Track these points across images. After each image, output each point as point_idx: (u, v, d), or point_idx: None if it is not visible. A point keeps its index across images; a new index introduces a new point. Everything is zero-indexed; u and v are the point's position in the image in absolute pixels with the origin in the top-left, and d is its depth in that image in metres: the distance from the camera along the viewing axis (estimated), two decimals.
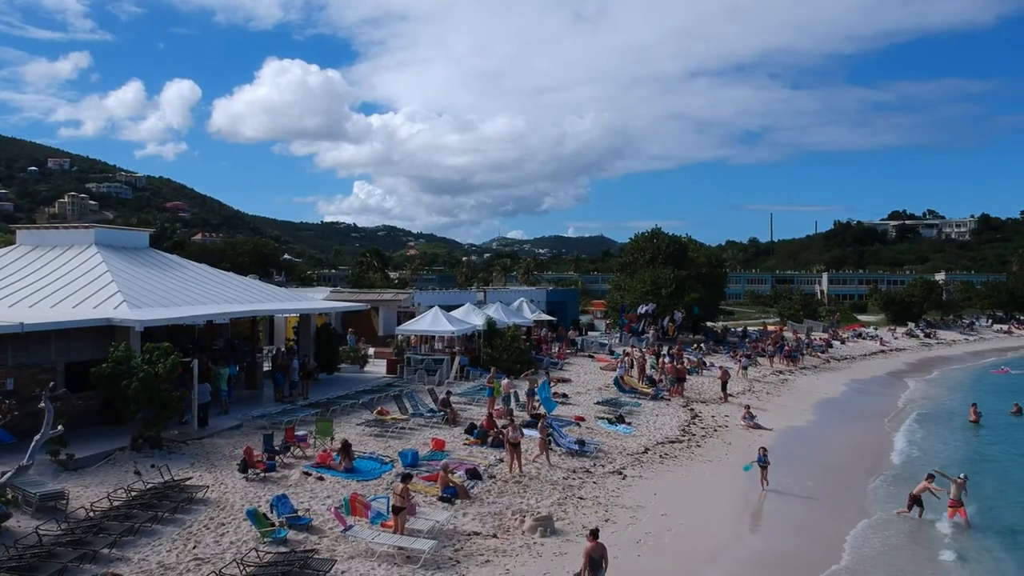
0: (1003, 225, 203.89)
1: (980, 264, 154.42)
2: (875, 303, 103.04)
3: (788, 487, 24.54)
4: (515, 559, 16.56)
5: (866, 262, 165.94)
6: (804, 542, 19.99)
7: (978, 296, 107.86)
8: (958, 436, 35.14)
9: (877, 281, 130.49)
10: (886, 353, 68.55)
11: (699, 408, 35.75)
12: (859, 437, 33.96)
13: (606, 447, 26.67)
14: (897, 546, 19.98)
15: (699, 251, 72.29)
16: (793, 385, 46.41)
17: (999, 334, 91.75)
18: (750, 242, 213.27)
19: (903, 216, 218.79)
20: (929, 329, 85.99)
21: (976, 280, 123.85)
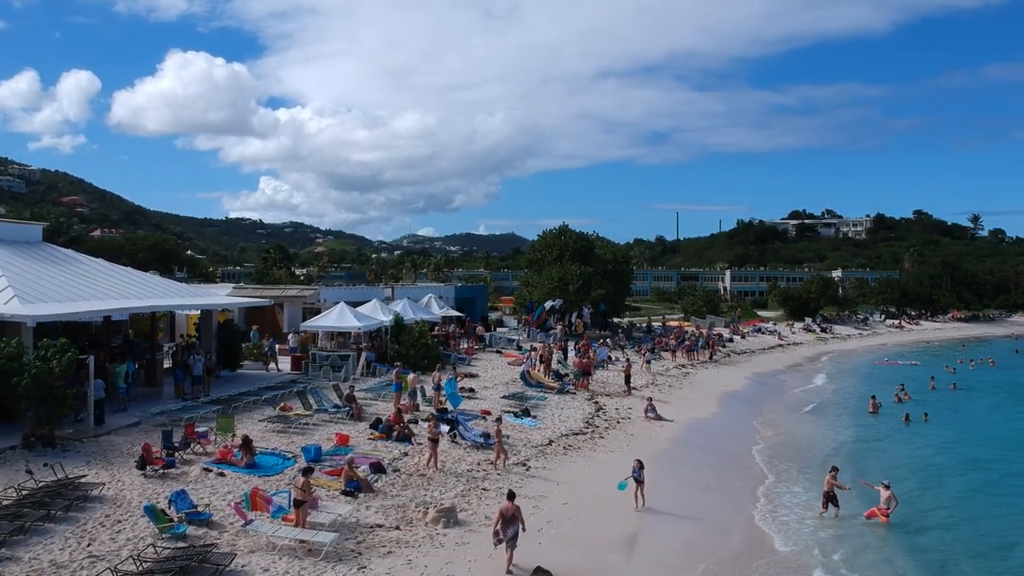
0: (897, 224, 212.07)
1: (875, 262, 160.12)
2: (775, 299, 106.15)
3: (688, 477, 25.31)
4: (417, 550, 16.69)
5: (767, 260, 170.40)
6: (703, 530, 20.57)
7: (872, 292, 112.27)
8: (855, 427, 36.59)
9: (777, 278, 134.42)
10: (784, 347, 70.91)
11: (604, 401, 36.39)
12: (758, 428, 35.09)
13: (512, 440, 26.89)
14: (786, 538, 20.77)
15: (606, 248, 73.32)
16: (695, 379, 47.59)
17: (891, 329, 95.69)
18: (657, 240, 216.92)
19: (803, 215, 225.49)
20: (825, 324, 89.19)
21: (870, 277, 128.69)
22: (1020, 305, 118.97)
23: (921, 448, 32.39)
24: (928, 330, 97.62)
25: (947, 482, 27.02)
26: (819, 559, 18.76)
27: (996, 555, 19.76)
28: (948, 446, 32.82)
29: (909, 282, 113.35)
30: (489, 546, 16.90)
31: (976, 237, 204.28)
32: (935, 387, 47.91)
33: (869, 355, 70.10)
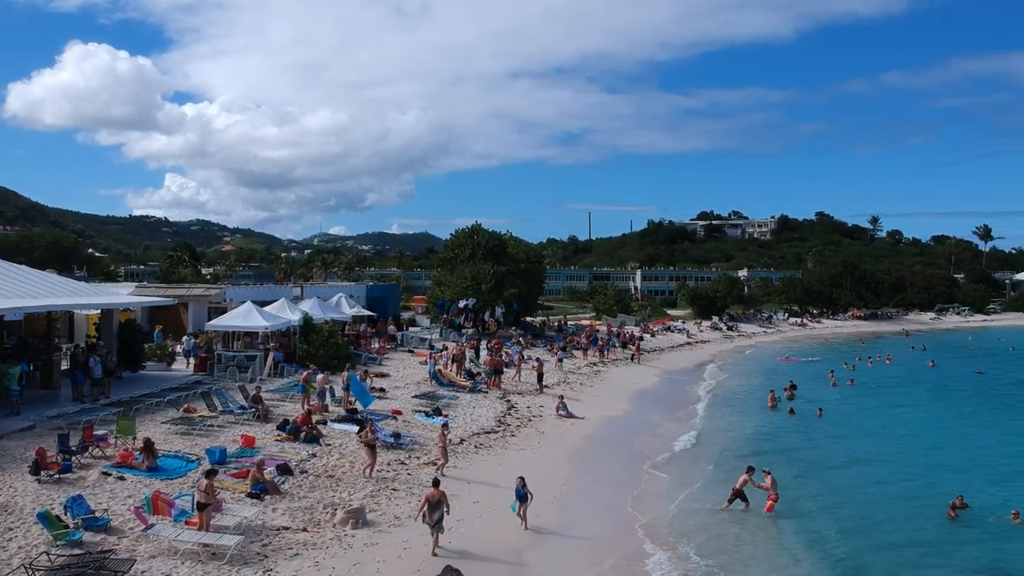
0: (800, 226, 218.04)
1: (779, 262, 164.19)
2: (684, 298, 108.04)
3: (599, 474, 25.63)
4: (325, 551, 16.45)
5: (677, 259, 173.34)
6: (613, 526, 20.84)
7: (776, 291, 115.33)
8: (757, 421, 37.51)
9: (686, 278, 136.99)
10: (692, 345, 72.30)
11: (515, 400, 36.49)
12: (667, 425, 35.65)
13: (422, 439, 26.81)
14: (687, 531, 21.18)
15: (519, 248, 73.55)
16: (606, 377, 48.13)
17: (794, 327, 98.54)
18: (569, 240, 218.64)
19: (711, 216, 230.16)
20: (732, 323, 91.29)
21: (775, 277, 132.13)
22: (916, 304, 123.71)
23: (810, 441, 33.40)
24: (829, 328, 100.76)
25: (826, 473, 27.84)
26: (674, 548, 19.24)
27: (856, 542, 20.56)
28: (836, 439, 33.88)
29: (811, 281, 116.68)
30: (399, 546, 16.84)
31: (875, 238, 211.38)
32: (835, 383, 49.42)
33: (773, 352, 71.95)
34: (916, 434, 35.62)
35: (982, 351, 77.62)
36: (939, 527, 21.75)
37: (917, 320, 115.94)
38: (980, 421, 39.12)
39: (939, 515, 22.33)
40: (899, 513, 23.02)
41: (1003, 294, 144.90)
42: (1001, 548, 20.22)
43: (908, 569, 18.70)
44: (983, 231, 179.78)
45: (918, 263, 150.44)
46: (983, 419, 39.67)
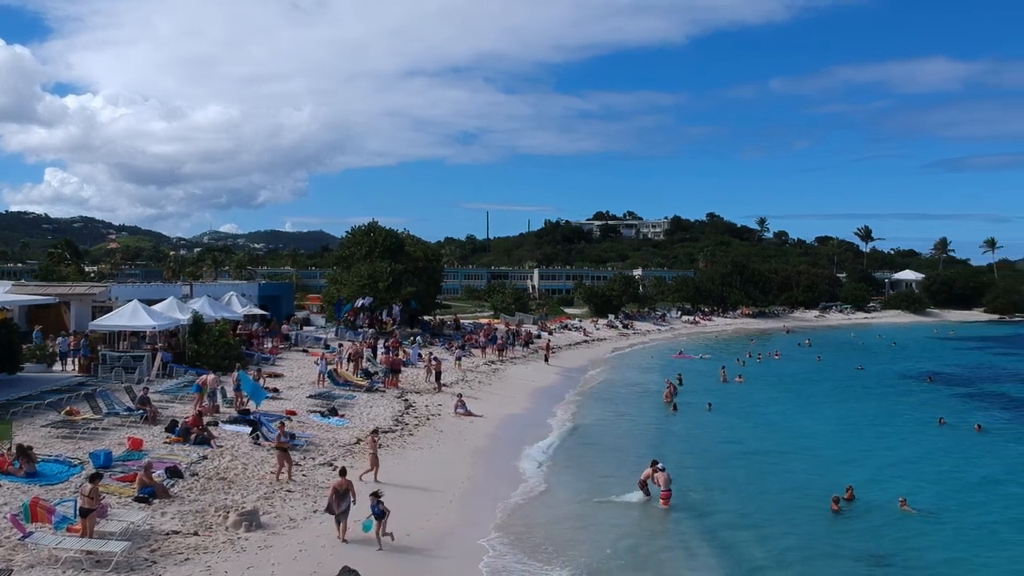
0: (691, 226, 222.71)
1: (672, 261, 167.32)
2: (580, 297, 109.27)
3: (495, 471, 25.66)
4: (217, 555, 15.94)
5: (573, 259, 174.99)
6: (515, 520, 20.88)
7: (670, 290, 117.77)
8: (650, 416, 38.17)
9: (583, 277, 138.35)
10: (589, 343, 73.23)
11: (413, 398, 36.23)
12: (564, 421, 35.93)
13: (318, 439, 26.35)
14: (588, 528, 21.36)
15: (416, 246, 73.09)
16: (504, 375, 48.31)
17: (687, 324, 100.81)
18: (467, 239, 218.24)
19: (606, 217, 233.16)
20: (627, 320, 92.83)
21: (668, 276, 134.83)
22: (801, 302, 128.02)
23: (699, 435, 34.09)
24: (720, 325, 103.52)
25: (716, 467, 28.45)
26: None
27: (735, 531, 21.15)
28: (724, 433, 34.64)
29: (703, 280, 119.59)
30: (294, 548, 16.50)
31: (762, 239, 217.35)
32: (726, 379, 50.68)
33: (668, 349, 73.40)
34: (803, 427, 36.78)
35: (864, 347, 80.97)
36: (827, 517, 22.44)
37: (802, 318, 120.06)
38: (864, 414, 40.61)
39: (826, 504, 23.05)
40: (789, 504, 23.68)
41: (882, 293, 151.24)
42: (888, 535, 20.99)
43: (798, 559, 19.23)
44: (864, 232, 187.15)
45: (803, 263, 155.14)
46: (867, 412, 41.22)
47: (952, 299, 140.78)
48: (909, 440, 33.92)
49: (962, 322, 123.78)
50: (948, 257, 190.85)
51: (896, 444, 33.07)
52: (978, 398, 46.28)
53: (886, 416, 40.03)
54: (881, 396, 47.17)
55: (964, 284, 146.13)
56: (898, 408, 42.51)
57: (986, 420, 37.40)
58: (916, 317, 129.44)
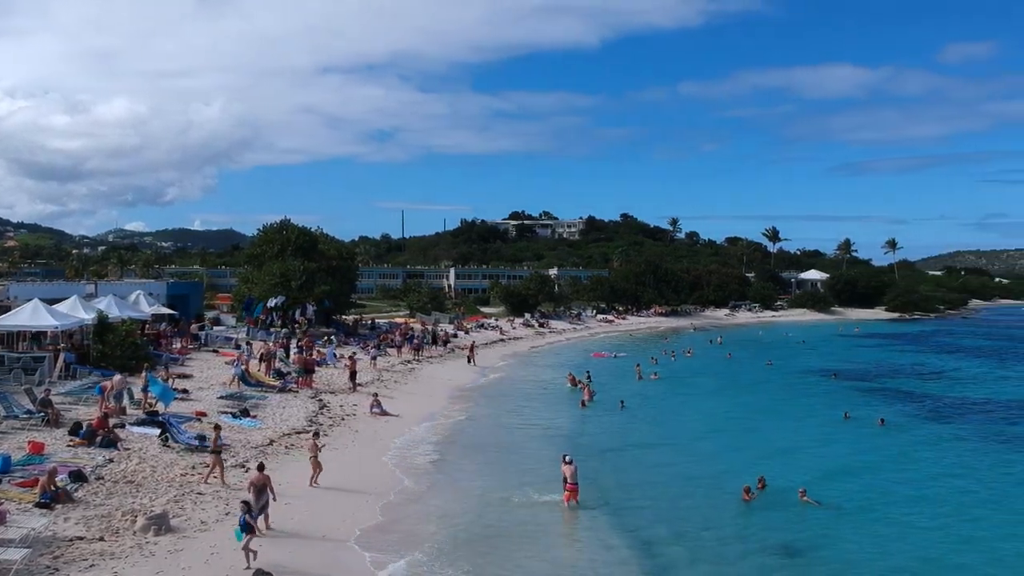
0: (606, 226, 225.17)
1: (587, 261, 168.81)
2: (496, 296, 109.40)
3: (412, 469, 25.53)
4: (124, 561, 15.45)
5: (489, 258, 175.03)
6: (426, 519, 20.76)
7: (585, 289, 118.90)
8: (566, 414, 38.41)
9: (499, 276, 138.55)
10: (506, 342, 73.38)
11: (328, 399, 35.79)
12: (480, 419, 35.93)
13: (230, 441, 25.70)
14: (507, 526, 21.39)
15: (330, 245, 72.14)
16: (420, 374, 48.13)
17: (601, 323, 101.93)
18: (382, 238, 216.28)
19: (522, 216, 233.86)
20: (543, 320, 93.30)
21: (583, 275, 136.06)
22: (712, 300, 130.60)
23: (613, 432, 34.42)
24: (634, 324, 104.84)
25: (628, 463, 28.87)
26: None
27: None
28: (638, 430, 35.11)
29: (617, 280, 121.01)
30: (206, 552, 16.13)
31: (675, 239, 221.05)
32: (641, 377, 51.34)
33: (583, 347, 74.10)
34: (715, 423, 37.48)
35: (772, 344, 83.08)
36: (736, 509, 22.94)
37: (713, 316, 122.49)
38: (772, 409, 41.70)
39: (736, 498, 23.55)
40: (700, 498, 24.12)
41: (789, 292, 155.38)
42: (791, 525, 21.56)
43: (708, 551, 19.58)
44: (771, 233, 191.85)
45: (713, 263, 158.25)
46: (775, 407, 42.33)
47: (855, 298, 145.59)
48: (816, 434, 34.87)
49: (865, 320, 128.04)
50: (851, 257, 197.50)
51: (804, 438, 33.94)
52: (880, 393, 47.86)
53: (794, 411, 41.12)
54: (789, 391, 48.48)
55: (866, 284, 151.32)
56: (805, 403, 43.72)
57: (888, 414, 38.68)
58: (821, 315, 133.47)
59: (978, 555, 19.67)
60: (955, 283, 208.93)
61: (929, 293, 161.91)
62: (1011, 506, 24.05)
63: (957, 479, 27.31)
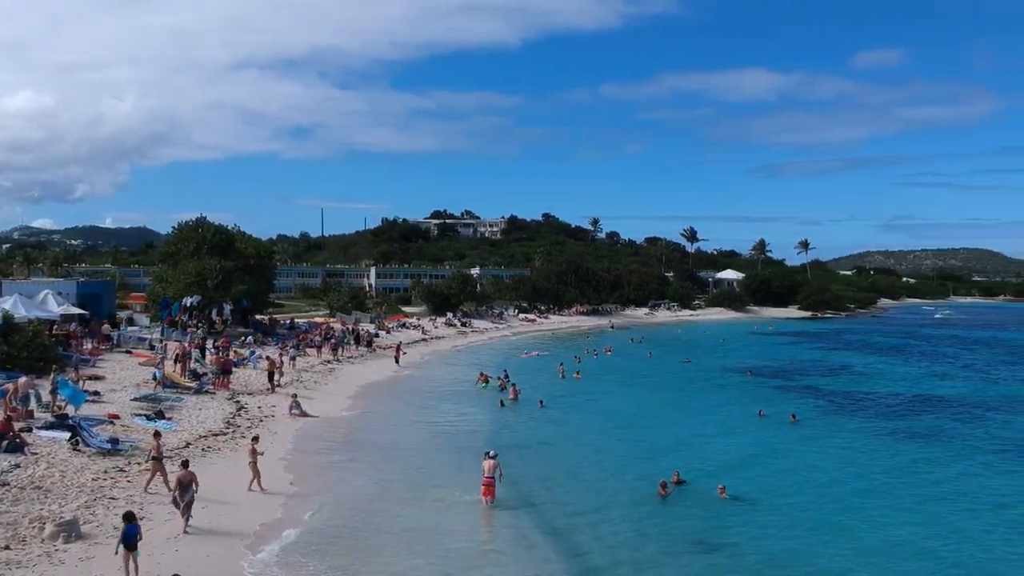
0: (527, 226, 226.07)
1: (509, 260, 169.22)
2: (418, 295, 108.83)
3: (332, 468, 25.25)
4: (32, 570, 14.97)
5: (411, 257, 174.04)
6: (345, 519, 20.54)
7: (507, 289, 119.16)
8: (488, 413, 38.40)
9: (420, 275, 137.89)
10: (428, 341, 73.06)
11: (246, 400, 35.15)
12: (401, 418, 35.72)
13: (144, 444, 25.02)
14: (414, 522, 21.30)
15: (247, 243, 70.77)
16: (340, 374, 47.64)
17: (523, 322, 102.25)
18: (301, 236, 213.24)
19: (444, 215, 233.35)
20: (465, 319, 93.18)
21: (505, 275, 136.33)
22: (632, 299, 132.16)
23: (534, 431, 34.74)
24: (556, 323, 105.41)
25: (548, 461, 29.10)
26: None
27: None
28: (559, 428, 35.47)
29: (539, 279, 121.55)
30: (119, 558, 15.54)
31: (595, 239, 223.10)
32: (564, 375, 51.67)
33: (505, 346, 74.30)
34: (634, 419, 37.99)
35: (691, 343, 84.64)
36: (655, 505, 23.32)
37: (633, 315, 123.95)
38: (690, 406, 42.48)
39: (654, 492, 23.88)
40: (621, 492, 24.50)
41: (706, 291, 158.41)
42: (710, 521, 21.97)
43: (630, 545, 19.84)
44: (689, 233, 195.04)
45: (633, 262, 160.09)
46: (693, 404, 43.13)
47: (769, 297, 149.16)
48: (732, 431, 35.62)
49: (779, 319, 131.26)
50: (766, 258, 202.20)
51: (720, 435, 34.71)
52: (793, 390, 49.14)
53: (711, 408, 41.95)
54: (706, 389, 49.42)
55: (780, 283, 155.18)
56: (722, 400, 44.63)
57: (800, 411, 39.69)
58: (737, 314, 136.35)
59: (889, 543, 20.39)
60: (865, 283, 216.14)
61: (840, 292, 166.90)
62: (916, 495, 25.04)
63: (865, 472, 28.24)
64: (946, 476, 27.93)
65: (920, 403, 44.22)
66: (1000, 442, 33.74)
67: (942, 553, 19.83)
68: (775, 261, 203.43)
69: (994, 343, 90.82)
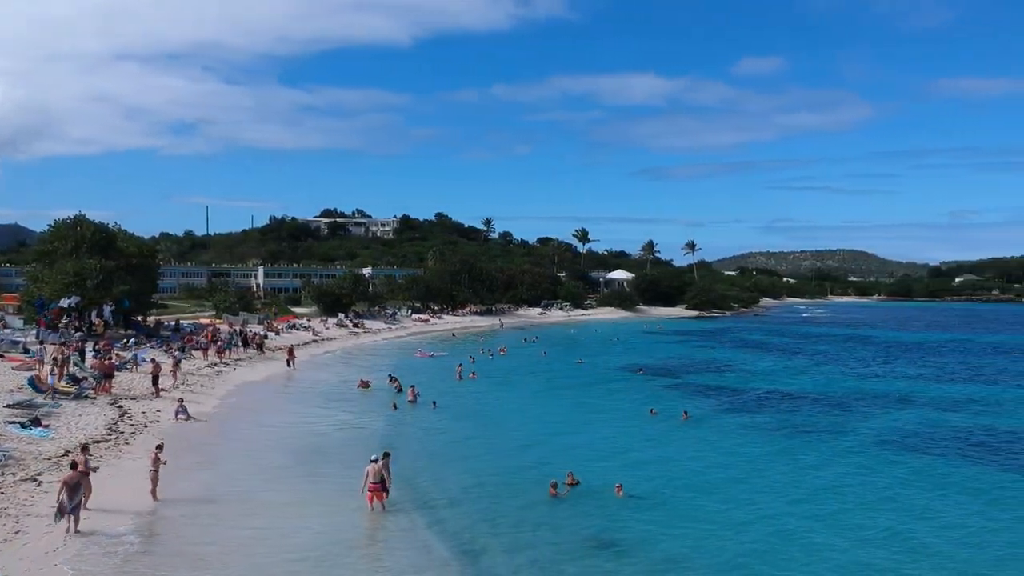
0: (420, 225, 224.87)
1: (401, 260, 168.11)
2: (308, 296, 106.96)
3: (219, 472, 24.47)
4: None
5: (300, 257, 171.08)
6: (225, 521, 19.92)
7: (400, 288, 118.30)
8: (382, 415, 37.78)
9: (311, 275, 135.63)
10: (319, 342, 71.89)
11: (129, 405, 33.81)
12: (289, 420, 34.90)
13: (19, 453, 23.84)
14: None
15: (129, 241, 68.18)
16: (228, 377, 46.43)
17: (417, 322, 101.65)
18: (186, 235, 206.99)
19: (334, 214, 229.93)
20: (357, 319, 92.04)
21: (398, 274, 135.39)
22: (525, 299, 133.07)
23: (429, 433, 34.29)
24: (449, 323, 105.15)
25: (440, 463, 28.68)
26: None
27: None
28: (452, 430, 35.08)
29: (432, 279, 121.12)
30: None
31: (488, 239, 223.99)
32: (461, 376, 51.46)
33: (399, 347, 73.65)
34: (529, 420, 38.05)
35: (584, 342, 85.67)
36: (553, 506, 23.30)
37: (526, 315, 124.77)
38: (584, 405, 42.78)
39: (547, 494, 23.91)
40: (515, 495, 24.30)
41: (598, 291, 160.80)
42: (609, 520, 22.08)
43: (528, 546, 19.78)
44: (581, 234, 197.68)
45: (526, 262, 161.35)
46: (587, 403, 43.46)
47: (658, 297, 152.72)
48: (626, 430, 35.99)
49: (667, 318, 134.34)
50: (655, 258, 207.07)
51: (614, 433, 34.99)
52: (683, 388, 50.17)
53: (605, 407, 42.36)
54: (600, 388, 49.95)
55: (668, 283, 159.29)
56: (615, 399, 45.16)
57: (691, 408, 40.51)
58: (627, 314, 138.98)
59: (777, 538, 20.87)
60: (748, 283, 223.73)
61: (725, 292, 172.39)
62: (806, 486, 25.78)
63: (758, 468, 28.89)
64: (830, 468, 28.85)
65: (798, 399, 45.72)
66: (877, 435, 35.11)
67: (832, 543, 20.43)
68: (663, 261, 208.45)
69: (856, 340, 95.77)
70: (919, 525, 22.20)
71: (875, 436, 34.97)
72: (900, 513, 23.29)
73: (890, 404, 44.20)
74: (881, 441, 33.89)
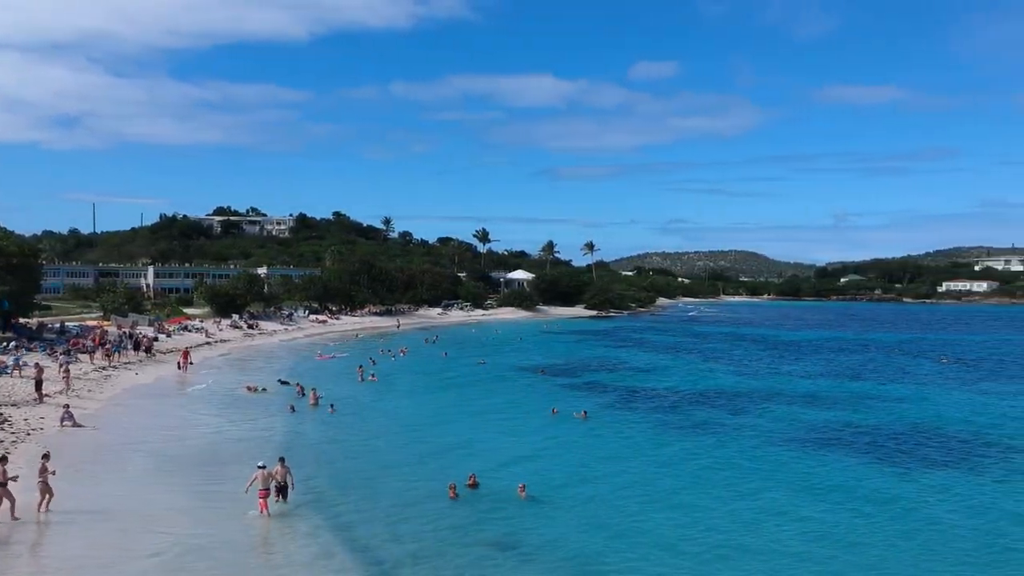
0: (318, 224, 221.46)
1: (298, 259, 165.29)
2: (201, 296, 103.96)
3: (108, 480, 23.42)
4: None
5: (192, 256, 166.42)
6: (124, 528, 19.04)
7: (297, 289, 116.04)
8: (278, 419, 36.95)
9: (203, 275, 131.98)
10: (212, 344, 69.91)
11: (8, 412, 32.15)
12: (178, 427, 33.74)
13: None
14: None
15: (9, 240, 64.99)
16: (116, 381, 44.87)
17: (314, 323, 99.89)
18: (70, 233, 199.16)
19: (228, 212, 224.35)
20: (252, 321, 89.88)
21: (295, 274, 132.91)
22: (426, 300, 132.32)
23: (328, 435, 33.85)
24: (348, 324, 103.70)
25: (341, 466, 28.32)
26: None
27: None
28: (352, 433, 34.59)
29: (330, 279, 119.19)
30: None
31: (388, 238, 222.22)
32: (363, 378, 50.68)
33: (296, 348, 72.25)
34: (429, 421, 37.75)
35: (485, 343, 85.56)
36: (455, 507, 23.11)
37: (427, 315, 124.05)
38: (486, 406, 42.73)
39: (447, 497, 23.69)
40: (417, 497, 24.08)
41: (498, 291, 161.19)
42: (513, 522, 22.05)
43: (431, 549, 19.59)
44: (481, 234, 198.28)
45: (426, 262, 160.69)
46: (488, 404, 43.43)
47: (558, 297, 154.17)
48: (527, 429, 36.13)
49: (567, 318, 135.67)
50: (554, 258, 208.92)
51: (515, 433, 35.09)
52: (582, 387, 50.62)
53: (506, 407, 42.47)
54: (501, 388, 50.04)
55: (567, 283, 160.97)
56: (516, 399, 45.31)
57: (590, 407, 40.87)
58: (528, 313, 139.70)
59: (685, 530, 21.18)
60: (644, 283, 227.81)
61: (623, 292, 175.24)
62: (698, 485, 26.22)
63: (654, 464, 29.42)
64: (728, 465, 29.46)
65: (694, 396, 46.76)
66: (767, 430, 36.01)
67: (736, 540, 20.80)
68: (563, 262, 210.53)
69: (736, 337, 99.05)
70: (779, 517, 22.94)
71: (749, 431, 36.03)
72: (762, 500, 24.22)
73: (760, 400, 45.47)
74: (746, 435, 35.01)
